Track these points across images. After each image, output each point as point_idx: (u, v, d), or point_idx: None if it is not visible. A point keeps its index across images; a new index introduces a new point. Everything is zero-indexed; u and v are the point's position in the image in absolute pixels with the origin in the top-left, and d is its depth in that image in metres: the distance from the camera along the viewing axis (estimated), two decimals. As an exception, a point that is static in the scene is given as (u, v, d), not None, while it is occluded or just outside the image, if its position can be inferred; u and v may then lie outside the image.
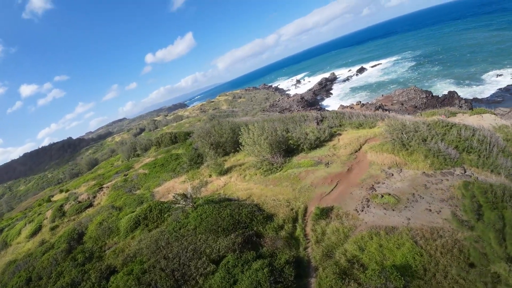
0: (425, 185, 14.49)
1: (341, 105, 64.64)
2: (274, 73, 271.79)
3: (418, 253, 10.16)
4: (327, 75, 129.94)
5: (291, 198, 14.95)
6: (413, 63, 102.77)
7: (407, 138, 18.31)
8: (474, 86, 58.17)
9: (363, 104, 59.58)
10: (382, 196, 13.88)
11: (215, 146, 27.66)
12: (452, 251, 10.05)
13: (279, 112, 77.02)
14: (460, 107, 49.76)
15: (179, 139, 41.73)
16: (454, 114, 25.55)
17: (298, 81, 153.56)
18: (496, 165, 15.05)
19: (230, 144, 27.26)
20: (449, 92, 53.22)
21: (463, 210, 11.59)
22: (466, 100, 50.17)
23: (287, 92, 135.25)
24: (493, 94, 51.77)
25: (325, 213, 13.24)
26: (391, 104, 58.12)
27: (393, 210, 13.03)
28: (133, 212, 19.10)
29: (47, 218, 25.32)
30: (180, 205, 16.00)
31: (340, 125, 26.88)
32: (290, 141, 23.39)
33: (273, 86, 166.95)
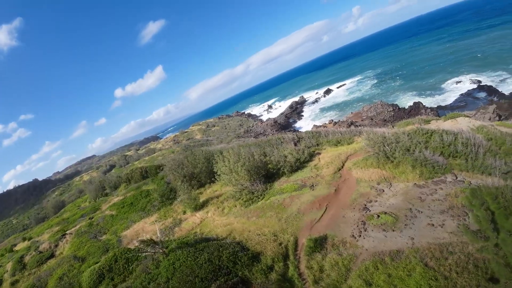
0: (420, 197, 13.27)
1: (314, 125, 65.04)
2: (245, 101, 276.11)
3: (433, 278, 8.69)
4: (296, 98, 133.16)
5: (278, 230, 12.99)
6: (375, 81, 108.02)
7: (390, 150, 17.40)
8: (437, 95, 61.25)
9: (335, 123, 60.27)
10: (378, 216, 12.38)
11: (189, 178, 25.33)
12: (467, 268, 8.70)
13: (254, 137, 76.11)
14: (427, 115, 51.68)
15: (150, 173, 38.70)
16: (428, 121, 25.55)
17: (270, 106, 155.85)
18: (486, 166, 14.29)
19: (205, 175, 25.08)
20: (415, 103, 55.34)
21: (475, 220, 10.32)
22: (431, 108, 52.27)
23: (260, 118, 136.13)
24: (456, 100, 54.67)
25: (319, 244, 11.40)
26: (361, 120, 59.26)
27: (393, 230, 11.50)
28: (97, 263, 16.55)
29: (7, 271, 22.50)
30: (148, 253, 13.44)
31: (317, 144, 25.86)
32: (269, 165, 21.77)
33: (246, 112, 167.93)
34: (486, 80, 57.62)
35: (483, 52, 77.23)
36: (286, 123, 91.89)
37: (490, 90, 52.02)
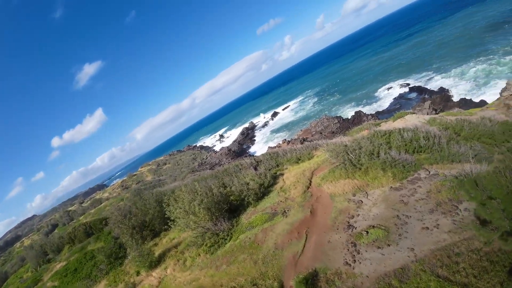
0: (402, 200, 11.99)
1: (269, 147, 64.39)
2: (195, 134, 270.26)
3: (452, 290, 7.07)
4: (246, 125, 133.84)
5: (256, 277, 10.32)
6: (316, 99, 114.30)
7: (355, 157, 16.37)
8: (373, 103, 65.95)
9: (289, 141, 60.43)
10: (367, 232, 10.63)
11: (140, 229, 21.28)
12: (484, 267, 7.46)
13: (209, 169, 72.48)
14: (368, 121, 54.65)
15: (94, 229, 32.82)
16: (378, 124, 25.83)
17: (222, 136, 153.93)
18: (453, 154, 13.84)
19: (159, 221, 21.30)
20: (356, 112, 58.41)
21: (483, 212, 9.09)
22: (372, 115, 55.51)
23: (213, 148, 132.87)
24: (391, 104, 59.33)
25: (311, 284, 9.05)
26: (311, 135, 60.39)
27: (389, 245, 9.77)
28: None
29: None
30: None
31: (277, 165, 24.21)
32: (231, 197, 19.20)
33: (198, 145, 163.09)
34: (414, 82, 63.93)
35: (406, 59, 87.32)
36: (240, 149, 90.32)
37: (420, 90, 57.40)
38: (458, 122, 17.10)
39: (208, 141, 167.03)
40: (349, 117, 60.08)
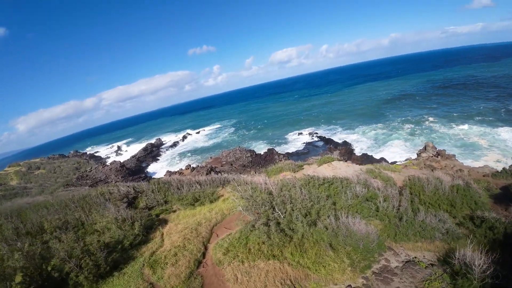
0: None
1: (168, 171, 53.73)
2: (92, 139, 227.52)
3: None
4: (153, 141, 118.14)
5: None
6: (232, 129, 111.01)
7: (284, 217, 9.77)
8: (284, 145, 65.31)
9: (194, 168, 51.76)
10: None
11: None
12: None
13: (90, 185, 55.91)
14: (280, 160, 51.92)
15: None
16: (300, 166, 20.77)
17: (120, 148, 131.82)
18: (424, 226, 8.68)
19: None
20: (269, 149, 55.38)
21: None
22: (283, 155, 53.25)
23: (106, 160, 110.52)
24: (299, 147, 59.59)
25: None
26: (221, 165, 53.66)
27: None
28: None
29: None
30: None
31: (165, 202, 15.80)
32: (53, 262, 9.58)
33: (88, 153, 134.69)
34: (322, 132, 66.95)
35: (317, 112, 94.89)
36: (137, 167, 75.59)
37: (327, 140, 59.38)
38: (412, 180, 12.81)
39: (104, 150, 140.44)
40: (262, 153, 56.54)
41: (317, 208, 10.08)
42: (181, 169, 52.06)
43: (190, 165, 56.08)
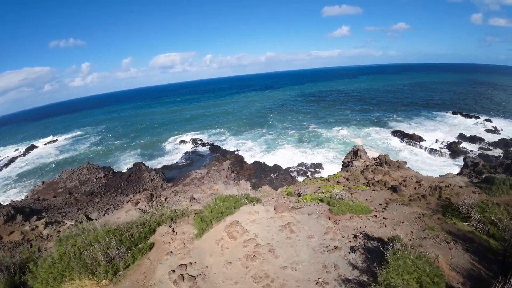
0: None
1: None
2: None
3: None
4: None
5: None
6: (97, 138, 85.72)
7: None
8: (160, 157, 50.67)
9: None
10: None
11: None
12: None
13: None
14: (152, 179, 36.76)
15: None
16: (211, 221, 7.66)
17: None
18: None
19: None
20: (135, 165, 39.21)
21: None
22: (156, 170, 38.46)
23: None
24: (181, 158, 47.80)
25: None
26: (54, 196, 33.68)
27: None
28: None
29: None
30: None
31: None
32: None
33: None
34: (207, 138, 57.34)
35: (203, 118, 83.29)
36: None
37: (213, 148, 48.91)
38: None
39: None
40: (125, 171, 39.62)
41: None
42: None
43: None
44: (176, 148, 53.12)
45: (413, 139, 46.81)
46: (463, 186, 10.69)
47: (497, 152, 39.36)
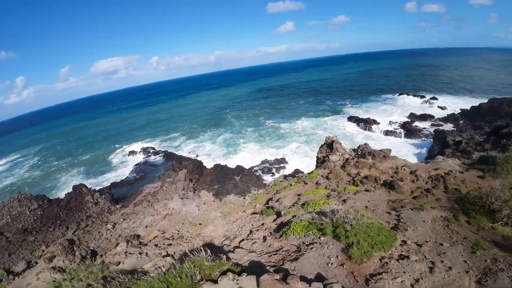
0: None
1: None
2: None
3: None
4: None
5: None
6: (36, 159, 74.47)
7: None
8: (106, 173, 44.01)
9: None
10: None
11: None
12: None
13: None
14: (96, 203, 31.09)
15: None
16: None
17: None
18: None
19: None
20: (75, 188, 33.07)
21: None
22: (100, 192, 32.69)
23: None
24: (131, 171, 41.84)
25: None
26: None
27: None
28: None
29: None
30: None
31: None
32: None
33: None
34: (160, 145, 52.40)
35: (154, 125, 76.55)
36: None
37: (167, 155, 43.77)
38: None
39: None
40: (64, 196, 33.17)
41: None
42: None
43: None
44: (125, 161, 46.76)
45: (368, 123, 47.60)
46: (463, 171, 8.95)
47: (449, 126, 41.50)
